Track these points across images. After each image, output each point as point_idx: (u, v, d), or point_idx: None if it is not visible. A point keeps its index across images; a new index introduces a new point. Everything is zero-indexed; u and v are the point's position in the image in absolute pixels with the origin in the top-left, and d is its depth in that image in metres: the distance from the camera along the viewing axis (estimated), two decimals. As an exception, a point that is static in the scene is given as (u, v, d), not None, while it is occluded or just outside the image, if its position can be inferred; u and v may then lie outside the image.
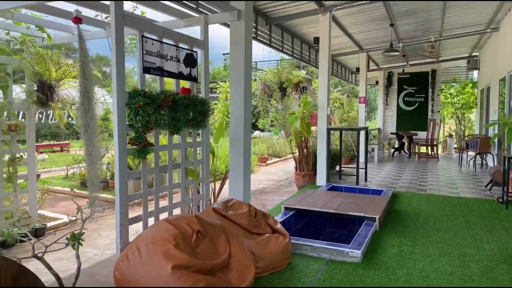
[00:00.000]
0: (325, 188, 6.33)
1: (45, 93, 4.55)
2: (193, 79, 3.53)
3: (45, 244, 2.57)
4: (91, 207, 2.81)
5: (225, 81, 7.58)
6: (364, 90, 11.04)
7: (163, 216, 3.23)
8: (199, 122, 3.54)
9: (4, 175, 4.57)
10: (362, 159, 10.98)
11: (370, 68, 14.41)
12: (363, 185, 7.19)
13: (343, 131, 8.51)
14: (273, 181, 8.84)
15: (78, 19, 2.73)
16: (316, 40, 7.36)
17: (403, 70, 13.46)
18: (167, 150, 3.34)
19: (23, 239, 2.84)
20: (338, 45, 10.54)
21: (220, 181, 4.84)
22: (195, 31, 3.73)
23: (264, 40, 7.73)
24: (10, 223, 4.56)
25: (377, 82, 15.57)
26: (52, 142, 15.83)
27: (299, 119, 6.95)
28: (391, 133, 13.99)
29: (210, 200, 4.34)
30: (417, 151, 12.70)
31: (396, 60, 13.79)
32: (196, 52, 3.56)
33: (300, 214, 4.92)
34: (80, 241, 2.62)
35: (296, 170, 7.29)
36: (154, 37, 3.08)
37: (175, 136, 3.38)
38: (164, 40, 3.18)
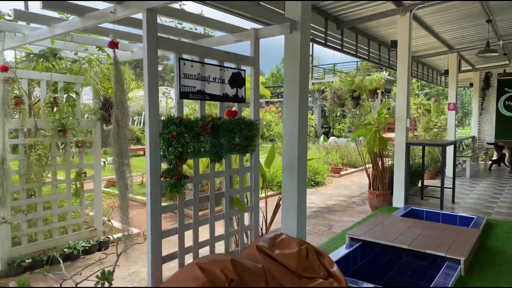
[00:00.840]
0: (401, 212, 5.57)
1: (107, 109, 4.65)
2: (240, 100, 3.22)
3: (75, 281, 2.48)
4: (124, 241, 2.66)
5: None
6: (455, 95, 9.72)
7: (204, 252, 2.97)
8: (246, 147, 3.21)
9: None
10: (450, 173, 9.71)
11: (463, 69, 12.78)
12: (449, 210, 6.21)
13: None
14: (344, 196, 8.19)
15: (114, 44, 2.59)
16: (394, 43, 6.58)
17: (504, 70, 11.65)
18: (208, 179, 3.07)
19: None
20: (423, 46, 9.44)
21: (273, 209, 4.46)
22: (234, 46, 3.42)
23: (335, 46, 7.16)
24: (75, 236, 4.75)
25: (471, 84, 13.77)
26: (136, 147, 16.91)
27: (373, 131, 6.26)
28: (488, 144, 12.20)
29: (262, 229, 3.99)
30: (521, 164, 10.85)
31: (496, 59, 11.97)
32: (244, 70, 3.25)
33: (368, 245, 4.32)
34: (110, 280, 2.48)
35: (370, 187, 6.59)
36: (195, 58, 2.83)
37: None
38: (207, 60, 2.92)
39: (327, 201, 7.71)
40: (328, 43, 6.85)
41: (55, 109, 4.47)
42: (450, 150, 9.44)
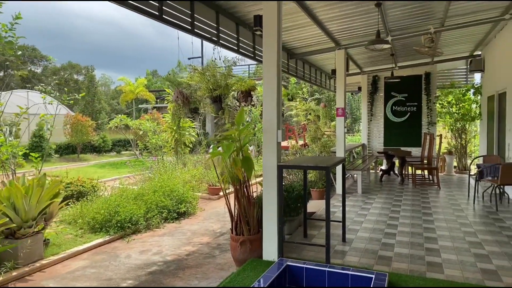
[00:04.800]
0: (273, 273, 3.55)
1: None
2: None
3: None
4: None
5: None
6: (343, 99, 8.37)
7: None
8: None
9: None
10: (340, 189, 8.31)
11: (351, 71, 11.82)
12: (339, 256, 4.45)
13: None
14: (210, 235, 6.03)
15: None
16: (258, 20, 4.66)
17: (392, 73, 10.91)
18: None
19: None
20: (307, 39, 7.88)
21: None
22: None
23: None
24: None
25: (359, 89, 13.01)
26: None
27: (232, 149, 4.20)
28: (379, 153, 11.36)
29: None
30: (410, 172, 10.09)
31: (383, 62, 11.23)
32: None
33: None
34: None
35: (232, 231, 4.50)
36: None
37: None
38: None
39: (182, 246, 5.45)
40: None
41: None
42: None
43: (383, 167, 11.90)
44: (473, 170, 10.48)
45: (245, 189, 4.42)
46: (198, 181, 9.45)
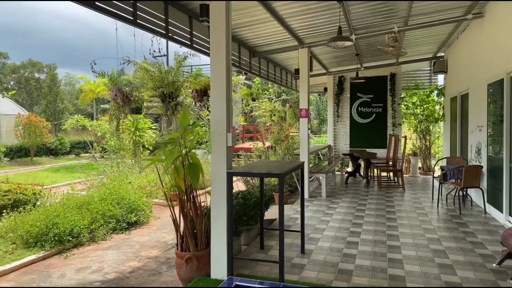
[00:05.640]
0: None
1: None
2: None
3: None
4: None
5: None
6: (307, 99, 8.05)
7: None
8: None
9: None
10: (305, 193, 7.96)
11: (317, 71, 11.58)
12: (297, 271, 4.06)
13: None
14: (161, 247, 5.50)
15: None
16: (204, 10, 4.21)
17: (357, 73, 10.74)
18: None
19: None
20: (269, 36, 7.50)
21: None
22: None
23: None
24: None
25: (325, 89, 12.81)
26: None
27: (176, 154, 3.72)
28: (344, 154, 11.16)
29: None
30: (376, 174, 9.94)
31: (349, 62, 11.04)
32: None
33: None
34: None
35: (178, 247, 4.02)
36: None
37: None
38: None
39: (127, 262, 4.90)
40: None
41: None
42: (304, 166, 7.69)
43: (349, 169, 11.73)
44: (437, 171, 10.48)
45: (192, 200, 3.95)
46: (155, 187, 8.86)
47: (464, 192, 7.22)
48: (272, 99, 12.64)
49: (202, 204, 4.15)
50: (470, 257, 4.43)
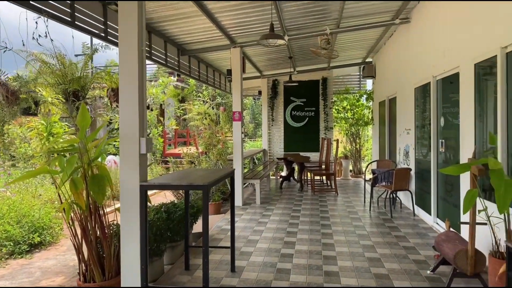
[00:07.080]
0: None
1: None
2: None
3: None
4: None
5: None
6: (240, 102, 7.65)
7: None
8: None
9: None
10: (238, 201, 7.54)
11: (251, 74, 11.27)
12: (225, 293, 3.58)
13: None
14: (67, 274, 4.64)
15: None
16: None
17: (290, 77, 10.61)
18: None
19: None
20: (198, 34, 6.96)
21: None
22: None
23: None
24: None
25: (259, 93, 12.57)
26: None
27: (74, 165, 3.02)
28: (278, 159, 10.96)
29: None
30: (309, 178, 9.85)
31: (282, 65, 10.89)
32: None
33: None
34: None
35: (80, 276, 3.31)
36: None
37: None
38: None
39: (20, 295, 4.02)
40: None
41: None
42: (237, 172, 7.26)
43: (284, 174, 11.57)
44: (368, 175, 10.70)
45: (97, 218, 3.27)
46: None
47: (394, 195, 7.31)
48: (206, 102, 12.05)
49: (114, 222, 3.50)
50: (405, 264, 4.29)
